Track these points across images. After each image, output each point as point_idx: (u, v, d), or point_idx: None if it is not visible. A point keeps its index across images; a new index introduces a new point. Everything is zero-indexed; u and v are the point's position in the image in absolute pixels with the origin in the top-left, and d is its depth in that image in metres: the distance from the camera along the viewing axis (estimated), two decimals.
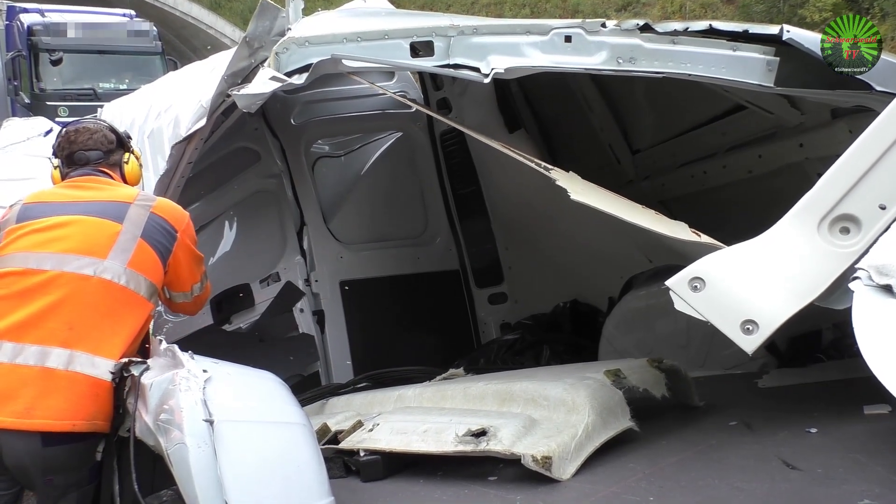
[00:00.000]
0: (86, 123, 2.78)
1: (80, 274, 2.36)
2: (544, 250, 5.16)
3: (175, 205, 2.71)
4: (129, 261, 2.41)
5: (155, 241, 2.50)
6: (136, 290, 2.42)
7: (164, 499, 2.27)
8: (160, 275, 2.52)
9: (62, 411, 2.26)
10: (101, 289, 2.36)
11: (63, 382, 2.26)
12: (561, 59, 2.79)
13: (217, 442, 2.05)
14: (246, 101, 2.78)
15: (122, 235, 2.44)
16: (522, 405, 2.85)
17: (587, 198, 2.50)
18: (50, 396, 2.25)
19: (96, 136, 2.70)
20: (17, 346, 2.26)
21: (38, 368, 2.25)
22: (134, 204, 2.54)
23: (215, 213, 5.18)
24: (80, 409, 2.28)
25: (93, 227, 2.45)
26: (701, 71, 2.78)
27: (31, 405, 2.23)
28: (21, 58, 13.56)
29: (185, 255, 2.61)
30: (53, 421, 2.25)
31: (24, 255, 2.41)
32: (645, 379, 2.99)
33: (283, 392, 2.42)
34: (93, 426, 2.31)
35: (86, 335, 2.31)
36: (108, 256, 2.39)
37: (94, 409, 2.30)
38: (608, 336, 4.35)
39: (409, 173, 5.39)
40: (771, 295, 2.04)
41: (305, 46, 2.77)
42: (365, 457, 2.81)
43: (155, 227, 2.51)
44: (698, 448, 2.61)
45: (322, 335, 4.84)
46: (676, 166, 4.42)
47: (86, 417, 2.29)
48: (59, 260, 2.37)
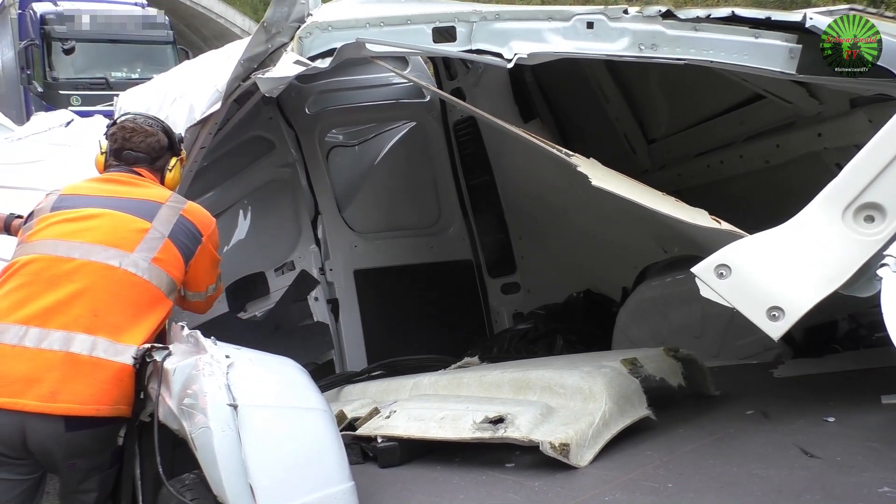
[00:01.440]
0: (143, 123, 2.79)
1: (106, 264, 2.40)
2: (557, 240, 5.15)
3: (204, 210, 2.77)
4: (154, 257, 2.47)
5: (180, 242, 2.55)
6: (158, 285, 2.47)
7: (186, 482, 2.29)
8: (181, 274, 2.57)
9: (86, 396, 2.29)
10: (125, 280, 2.41)
11: (86, 368, 2.30)
12: (583, 46, 2.80)
13: (241, 426, 2.08)
14: (269, 84, 2.79)
15: (151, 233, 2.50)
16: (539, 393, 2.86)
17: (607, 184, 2.51)
18: (74, 381, 2.29)
19: (150, 139, 2.75)
20: (43, 332, 2.30)
21: (63, 354, 2.29)
22: (166, 205, 2.60)
23: (230, 201, 5.21)
24: (104, 395, 2.32)
25: (122, 221, 2.50)
26: (723, 58, 2.77)
27: (55, 389, 2.26)
28: (34, 47, 13.59)
29: (206, 259, 2.68)
30: (77, 405, 2.28)
31: (53, 242, 2.45)
32: (661, 368, 2.99)
33: (303, 378, 2.44)
34: (115, 411, 2.35)
35: (109, 322, 2.35)
36: (134, 250, 2.45)
37: (116, 394, 2.34)
38: (622, 326, 4.36)
39: (422, 163, 5.40)
40: (797, 282, 2.04)
41: (329, 31, 2.78)
42: (382, 443, 2.83)
43: (182, 229, 2.57)
44: (715, 436, 2.62)
45: (336, 323, 4.86)
46: (692, 156, 4.40)
47: (109, 402, 2.33)
48: (87, 249, 2.42)
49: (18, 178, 4.21)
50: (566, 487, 2.33)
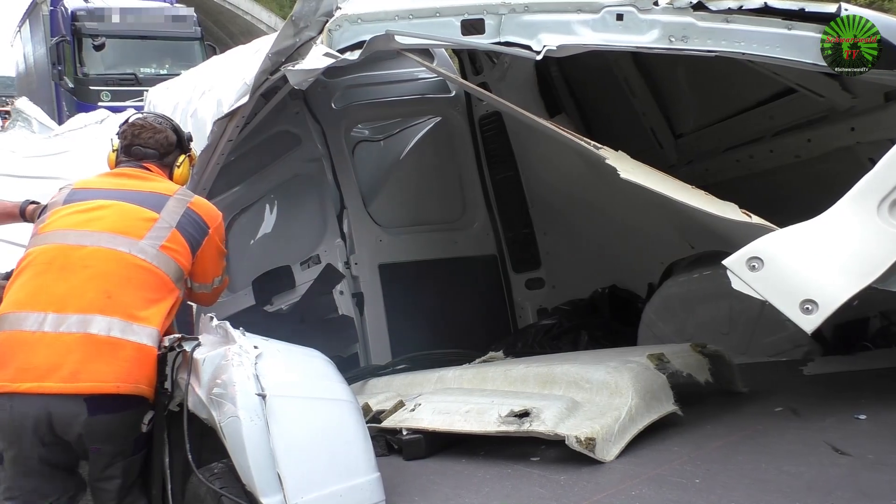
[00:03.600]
0: (153, 121, 2.87)
1: (116, 250, 2.46)
2: (583, 236, 5.12)
3: (210, 204, 2.82)
4: (163, 245, 2.52)
5: (187, 232, 2.60)
6: (166, 272, 2.51)
7: (215, 471, 2.32)
8: (189, 264, 2.61)
9: (105, 374, 2.32)
10: (134, 266, 2.46)
11: (105, 347, 2.33)
12: (612, 38, 2.77)
13: (269, 416, 2.10)
14: (298, 77, 2.81)
15: (159, 223, 2.55)
16: (564, 388, 2.86)
17: (636, 176, 2.48)
18: (93, 361, 2.32)
19: (158, 136, 2.81)
20: (61, 317, 2.34)
21: (81, 335, 2.33)
22: (173, 197, 2.65)
23: (257, 195, 5.26)
24: (123, 372, 2.34)
25: (130, 211, 2.56)
26: (755, 50, 2.73)
27: (76, 370, 2.30)
28: (65, 43, 13.81)
29: (212, 250, 2.71)
30: (98, 383, 2.31)
31: (64, 232, 2.52)
32: (688, 363, 2.97)
33: (330, 369, 2.46)
34: (136, 389, 2.36)
35: (122, 303, 2.39)
36: (143, 238, 2.50)
37: (135, 372, 2.36)
38: (648, 322, 4.32)
39: (447, 158, 5.39)
40: (831, 275, 2.01)
41: (358, 23, 2.79)
42: (407, 435, 2.85)
43: (189, 220, 2.62)
44: (744, 433, 2.59)
45: (361, 317, 4.88)
46: (721, 151, 4.34)
47: (128, 380, 2.35)
48: (97, 237, 2.48)
49: (44, 168, 4.32)
50: (592, 482, 2.33)
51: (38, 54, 17.47)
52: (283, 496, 2.05)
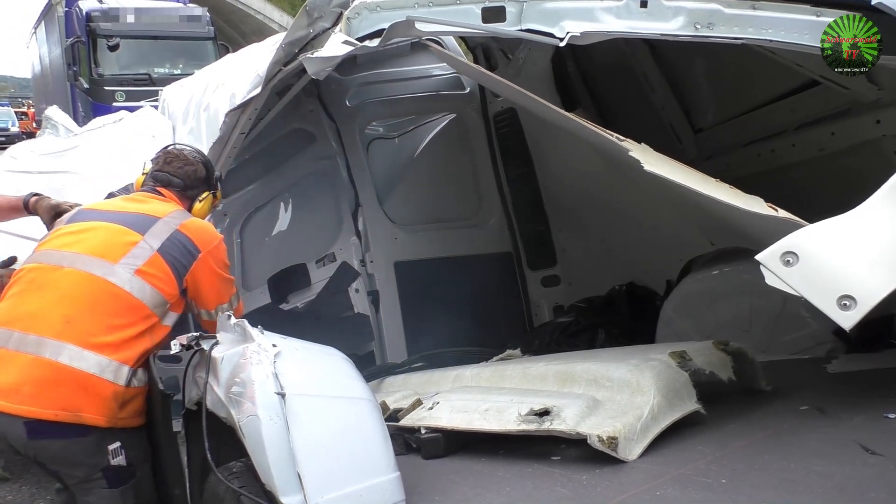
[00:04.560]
0: (188, 154, 2.88)
1: (87, 272, 2.44)
2: (599, 232, 5.08)
3: (208, 227, 2.76)
4: (139, 269, 2.46)
5: (172, 257, 2.53)
6: (140, 297, 2.44)
7: (233, 470, 2.30)
8: (173, 289, 2.53)
9: (46, 400, 2.28)
10: (104, 290, 2.42)
11: (51, 373, 2.30)
12: (636, 25, 2.72)
13: (289, 414, 2.08)
14: (316, 65, 2.77)
15: (139, 245, 2.50)
16: (584, 386, 2.82)
17: (660, 169, 2.44)
18: (39, 385, 2.29)
19: (188, 168, 2.82)
20: (23, 336, 2.34)
21: (33, 357, 2.31)
22: (162, 219, 2.59)
23: (272, 194, 5.25)
24: (64, 400, 2.30)
25: (114, 234, 2.54)
26: (782, 37, 2.66)
27: (21, 391, 2.28)
28: (80, 44, 13.90)
29: (206, 276, 2.62)
30: (38, 409, 2.28)
31: (50, 252, 2.54)
32: (711, 361, 2.92)
33: (348, 368, 2.44)
34: (76, 418, 2.31)
35: (80, 329, 2.35)
36: (118, 262, 2.46)
37: (80, 401, 2.31)
38: (666, 319, 4.27)
39: (462, 155, 5.37)
40: (868, 270, 1.95)
41: (377, 11, 2.76)
42: (426, 434, 2.82)
43: (175, 244, 2.55)
44: (769, 432, 2.55)
45: (377, 315, 4.87)
46: (742, 145, 4.28)
47: (69, 408, 2.30)
48: (73, 258, 2.47)
49: (53, 163, 4.38)
50: (615, 481, 2.29)
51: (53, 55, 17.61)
52: (303, 496, 2.02)
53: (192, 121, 4.09)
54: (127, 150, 3.75)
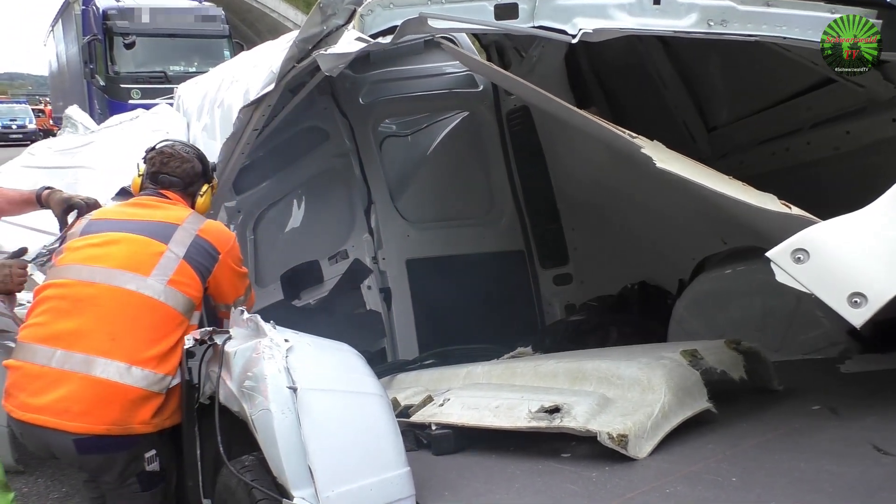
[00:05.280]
0: (181, 150, 2.91)
1: (124, 289, 2.51)
2: (612, 231, 5.06)
3: (222, 227, 2.83)
4: (170, 279, 2.54)
5: (196, 262, 2.62)
6: (174, 306, 2.53)
7: (246, 463, 2.32)
8: (199, 292, 2.63)
9: (97, 416, 2.38)
10: (142, 304, 2.50)
11: (102, 390, 2.39)
12: (649, 22, 2.70)
13: (300, 409, 2.10)
14: (330, 62, 2.79)
15: (166, 255, 2.57)
16: (595, 384, 2.82)
17: (672, 166, 2.43)
18: (89, 402, 2.38)
19: (185, 166, 2.87)
20: (68, 354, 2.42)
21: (82, 375, 2.40)
22: (181, 226, 2.66)
23: (285, 190, 5.29)
24: (115, 415, 2.39)
25: (140, 245, 2.60)
26: (796, 34, 2.64)
27: (70, 408, 2.38)
28: (97, 42, 14.04)
29: (226, 274, 2.73)
30: (88, 425, 2.38)
31: (77, 267, 2.59)
32: (722, 360, 2.91)
33: (360, 363, 2.46)
34: (127, 430, 2.42)
35: (126, 347, 2.43)
36: (150, 274, 2.53)
37: (129, 416, 2.41)
38: (679, 319, 4.25)
39: (474, 153, 5.37)
40: (880, 268, 1.94)
41: (390, 8, 2.77)
42: (437, 430, 2.83)
43: (198, 249, 2.64)
44: (781, 431, 2.54)
45: (389, 312, 4.88)
46: (756, 143, 4.25)
47: (119, 422, 2.40)
48: (107, 274, 2.53)
49: (68, 159, 4.45)
50: (625, 479, 2.29)
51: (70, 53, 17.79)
52: (314, 489, 2.04)
53: (206, 117, 4.13)
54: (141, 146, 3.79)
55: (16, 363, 2.49)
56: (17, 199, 3.15)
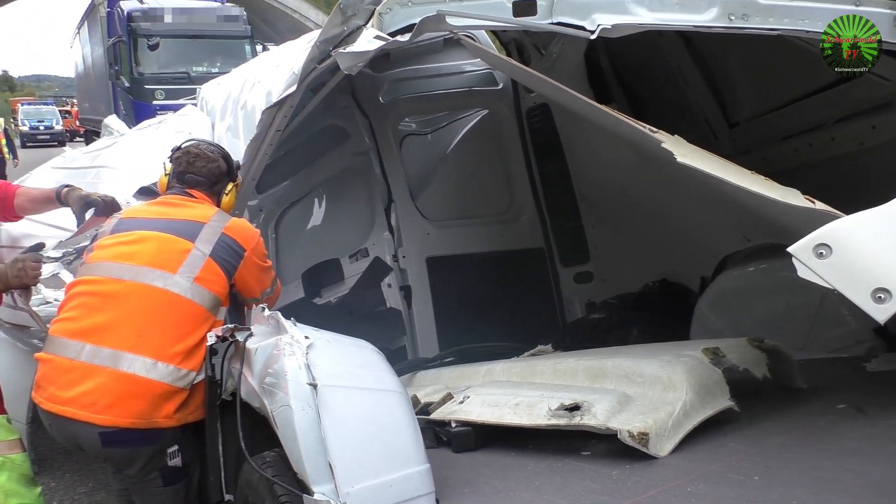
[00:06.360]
0: (206, 149, 2.95)
1: (152, 285, 2.55)
2: (633, 228, 5.03)
3: (247, 225, 2.86)
4: (196, 277, 2.58)
5: (222, 259, 2.66)
6: (200, 303, 2.57)
7: (267, 459, 2.35)
8: (225, 288, 2.67)
9: (123, 410, 2.44)
10: (169, 300, 2.54)
11: (129, 385, 2.44)
12: (669, 17, 2.68)
13: (320, 405, 2.12)
14: (348, 60, 2.80)
15: (193, 253, 2.62)
16: (615, 382, 2.81)
17: (693, 161, 2.41)
18: (116, 395, 2.44)
19: (211, 165, 2.90)
20: (96, 349, 2.47)
21: (110, 370, 2.45)
22: (208, 224, 2.71)
23: (307, 189, 5.32)
24: (140, 409, 2.45)
25: (166, 243, 2.64)
26: (819, 28, 2.60)
27: (98, 401, 2.43)
28: (121, 43, 14.24)
29: (251, 270, 2.76)
30: (115, 418, 2.43)
31: (107, 264, 2.64)
32: (745, 358, 2.89)
33: (380, 360, 2.47)
34: (152, 424, 2.47)
35: (153, 343, 2.48)
36: (177, 272, 2.57)
37: (154, 410, 2.46)
38: (700, 317, 4.22)
39: (494, 151, 5.36)
40: None
41: (408, 6, 2.78)
42: (456, 427, 2.84)
43: (223, 247, 2.67)
44: (805, 430, 2.51)
45: (409, 310, 4.90)
46: (779, 139, 4.19)
47: (143, 416, 2.45)
48: (135, 272, 2.58)
49: (93, 159, 4.54)
50: (645, 477, 2.27)
51: (96, 55, 18.05)
52: (334, 485, 2.06)
53: (229, 118, 4.17)
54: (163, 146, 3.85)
55: (46, 356, 2.55)
56: (39, 198, 3.22)
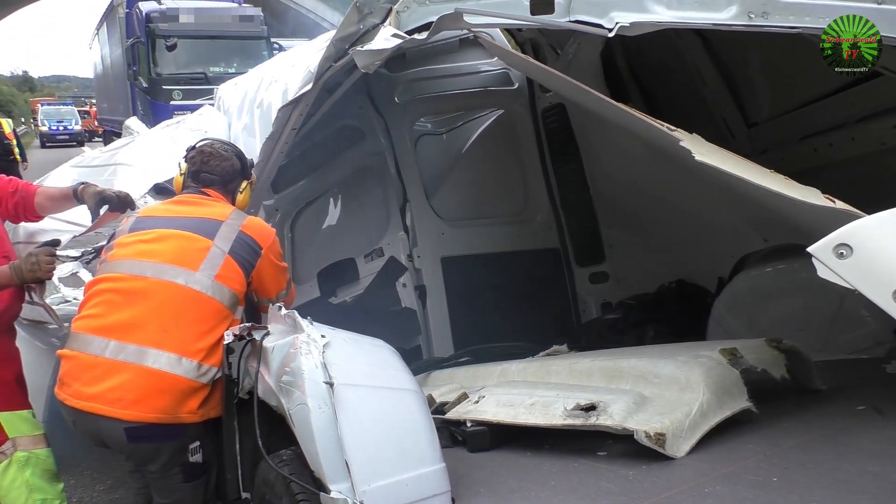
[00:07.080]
0: (220, 148, 2.98)
1: (174, 283, 2.59)
2: (649, 228, 5.00)
3: (263, 223, 2.90)
4: (217, 274, 2.61)
5: (240, 256, 2.69)
6: (221, 300, 2.60)
7: (284, 457, 2.36)
8: (243, 286, 2.70)
9: (149, 405, 2.47)
10: (191, 297, 2.57)
11: (154, 381, 2.47)
12: (688, 15, 2.66)
13: (337, 404, 2.13)
14: (366, 58, 2.80)
15: (212, 251, 2.65)
16: (632, 382, 2.80)
17: (711, 159, 2.39)
18: (141, 391, 2.47)
19: (225, 164, 2.93)
20: (121, 345, 2.51)
21: (135, 366, 2.48)
22: (226, 222, 2.74)
23: (322, 189, 5.34)
24: (165, 405, 2.48)
25: (187, 241, 2.68)
26: None
27: (123, 397, 2.46)
28: (140, 44, 14.37)
29: (268, 269, 2.80)
30: (140, 413, 2.46)
31: (129, 262, 2.67)
32: (763, 359, 2.87)
33: (395, 359, 2.48)
34: (176, 419, 2.50)
35: (177, 338, 2.51)
36: (198, 269, 2.61)
37: (178, 406, 2.49)
38: (717, 317, 4.19)
39: (509, 150, 5.35)
40: None
41: (426, 4, 2.78)
42: (472, 427, 2.84)
43: (242, 245, 2.71)
44: (823, 431, 2.49)
45: (424, 310, 4.90)
46: (798, 139, 4.16)
47: (168, 411, 2.48)
48: (158, 269, 2.61)
49: (108, 158, 4.61)
50: (662, 478, 2.27)
51: (114, 55, 18.23)
52: (350, 483, 2.07)
53: (246, 117, 4.20)
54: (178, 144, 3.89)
55: (70, 353, 2.58)
56: (57, 196, 3.26)
